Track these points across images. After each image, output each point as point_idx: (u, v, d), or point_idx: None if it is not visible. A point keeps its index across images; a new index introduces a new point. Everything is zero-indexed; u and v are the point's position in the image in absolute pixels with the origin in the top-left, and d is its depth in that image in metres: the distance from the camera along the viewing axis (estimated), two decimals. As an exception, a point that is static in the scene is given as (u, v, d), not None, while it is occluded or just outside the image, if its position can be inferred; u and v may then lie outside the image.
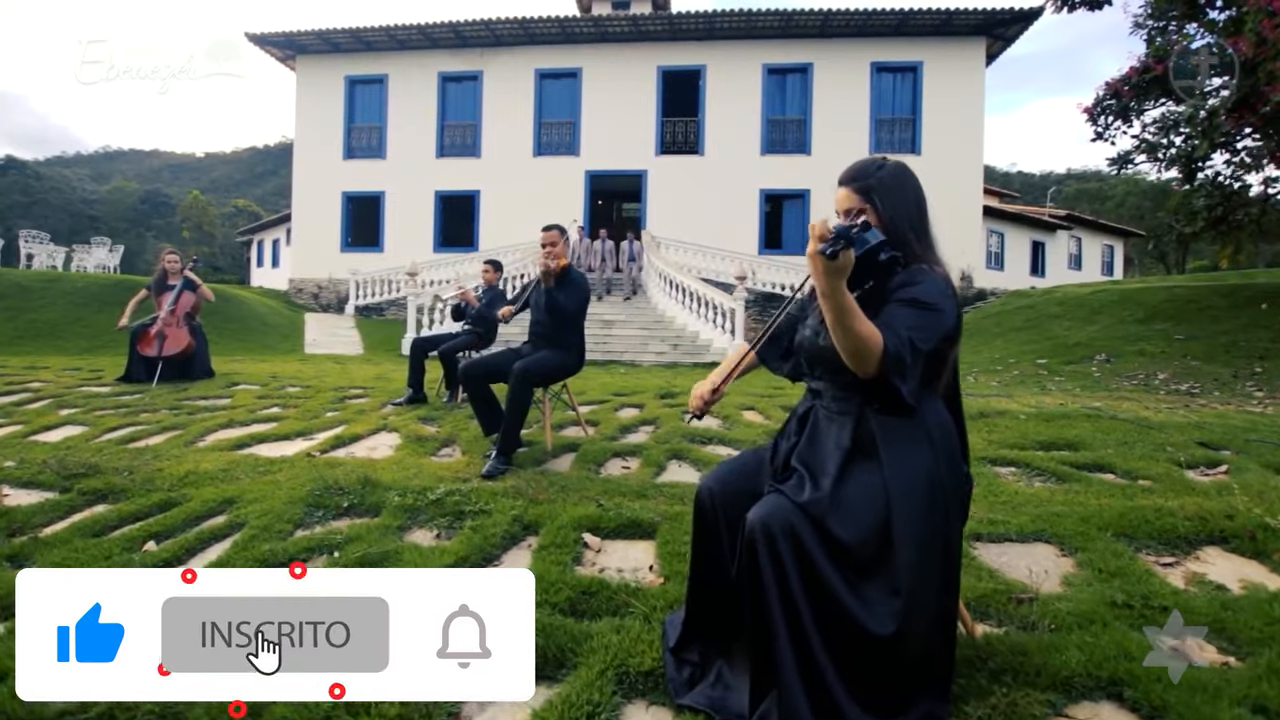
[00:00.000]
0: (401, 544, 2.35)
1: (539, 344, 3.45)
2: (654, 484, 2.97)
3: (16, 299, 10.38)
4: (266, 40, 16.80)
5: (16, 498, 3.01)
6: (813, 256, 1.19)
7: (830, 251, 1.14)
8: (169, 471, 3.22)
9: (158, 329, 5.70)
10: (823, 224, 1.20)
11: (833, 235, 1.16)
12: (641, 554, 2.32)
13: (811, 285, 1.52)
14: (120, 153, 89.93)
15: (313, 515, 2.64)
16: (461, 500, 2.67)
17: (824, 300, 1.21)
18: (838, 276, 1.18)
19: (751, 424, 4.14)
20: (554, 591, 1.92)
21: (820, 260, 1.17)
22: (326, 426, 4.20)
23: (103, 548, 2.39)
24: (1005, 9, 14.70)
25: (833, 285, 1.18)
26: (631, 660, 1.58)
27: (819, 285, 1.20)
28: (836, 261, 1.16)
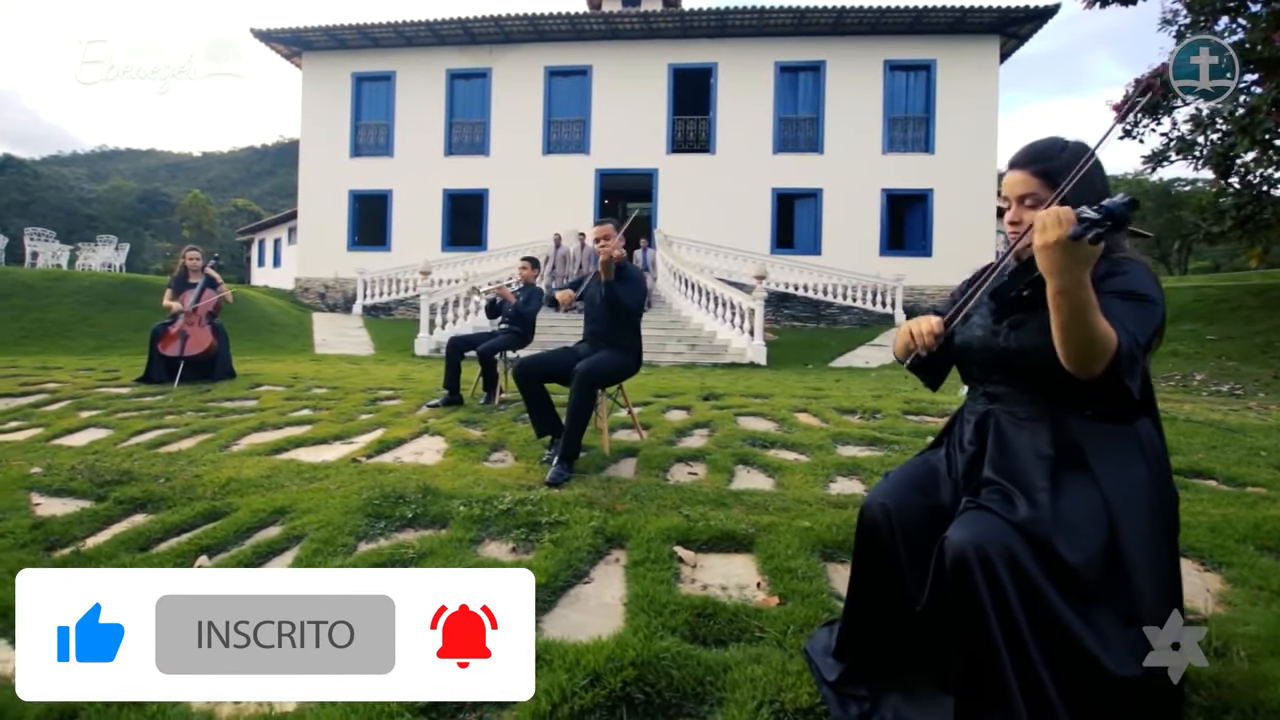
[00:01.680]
0: (479, 558, 2.18)
1: (597, 343, 3.28)
2: (730, 491, 2.81)
3: (22, 298, 10.16)
4: (272, 37, 16.59)
5: (49, 506, 2.84)
6: (1050, 247, 1.03)
7: (1093, 235, 0.98)
8: (209, 478, 3.05)
9: (179, 328, 5.51)
10: (1056, 211, 1.04)
11: (1090, 217, 0.99)
12: (741, 568, 2.15)
13: (991, 280, 1.36)
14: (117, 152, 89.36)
15: (374, 526, 2.47)
16: (534, 510, 2.49)
17: (1061, 298, 1.05)
18: (1084, 267, 1.03)
19: (809, 427, 3.97)
20: (669, 614, 1.75)
21: (1061, 252, 1.02)
22: (364, 430, 4.02)
23: (151, 563, 2.22)
24: (1020, 7, 14.58)
25: (1076, 278, 1.03)
26: (785, 695, 1.41)
27: (1059, 281, 1.04)
28: (1087, 249, 1.01)
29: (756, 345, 10.38)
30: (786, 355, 11.07)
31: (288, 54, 17.33)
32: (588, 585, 2.05)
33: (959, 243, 15.39)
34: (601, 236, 3.26)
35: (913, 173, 15.60)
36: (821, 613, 1.76)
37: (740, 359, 10.37)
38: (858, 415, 4.23)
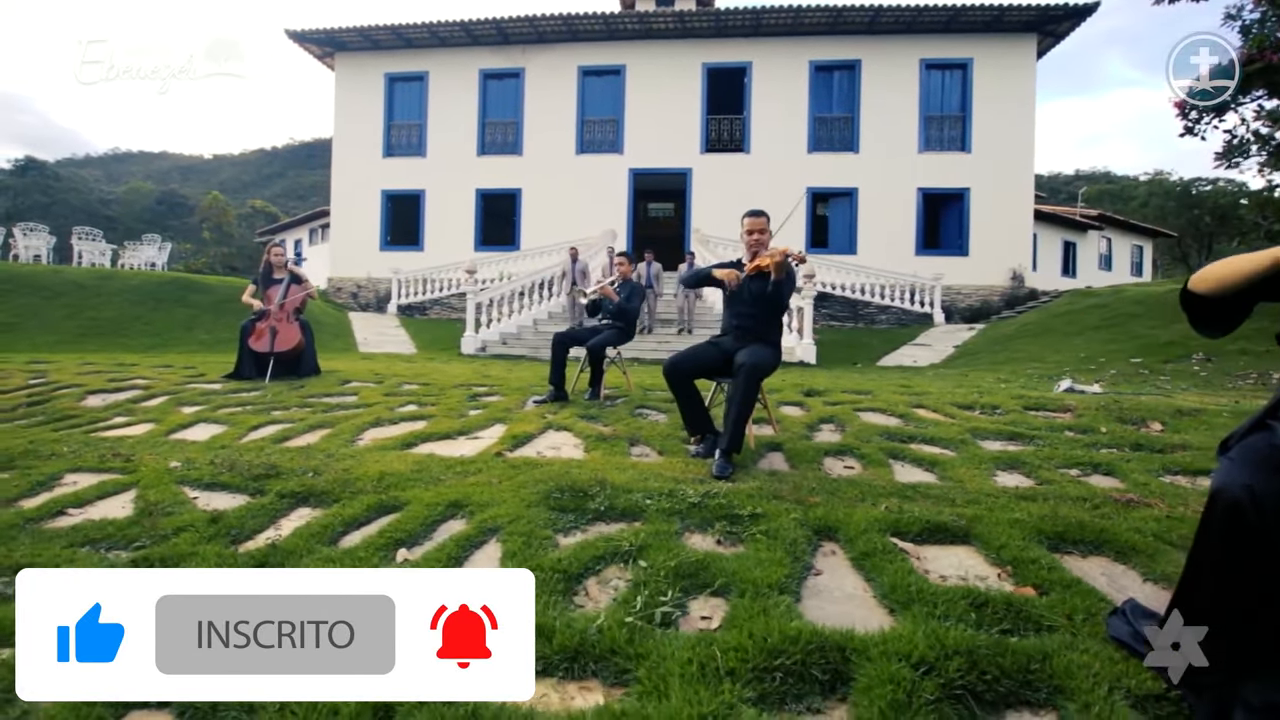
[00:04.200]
0: (692, 549, 2.14)
1: (744, 338, 3.23)
2: (901, 484, 2.77)
3: (74, 296, 10.22)
4: (306, 38, 16.66)
5: (208, 500, 2.83)
6: None
7: None
8: (360, 472, 3.02)
9: (268, 324, 5.51)
10: None
11: None
12: (967, 559, 2.11)
13: None
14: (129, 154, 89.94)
15: (563, 520, 2.44)
16: (725, 504, 2.46)
17: None
18: None
19: (936, 422, 3.93)
20: (941, 604, 1.72)
21: None
22: (481, 425, 4.00)
23: (356, 558, 2.19)
24: (1059, 4, 14.49)
25: None
26: (1127, 681, 1.39)
27: None
28: None
29: (806, 344, 10.34)
30: (832, 354, 11.03)
31: (320, 55, 17.40)
32: (818, 577, 2.02)
33: (995, 242, 15.31)
34: (756, 230, 3.23)
35: (949, 172, 15.53)
36: (1097, 602, 1.73)
37: (790, 358, 10.30)
38: (976, 410, 4.19)
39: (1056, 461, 3.08)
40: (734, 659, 1.51)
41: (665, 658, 1.52)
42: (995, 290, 15.41)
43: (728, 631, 1.65)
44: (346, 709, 1.28)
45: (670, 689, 1.40)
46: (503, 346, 11.29)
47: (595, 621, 1.68)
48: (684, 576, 1.96)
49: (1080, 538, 2.17)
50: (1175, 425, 3.67)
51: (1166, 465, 2.99)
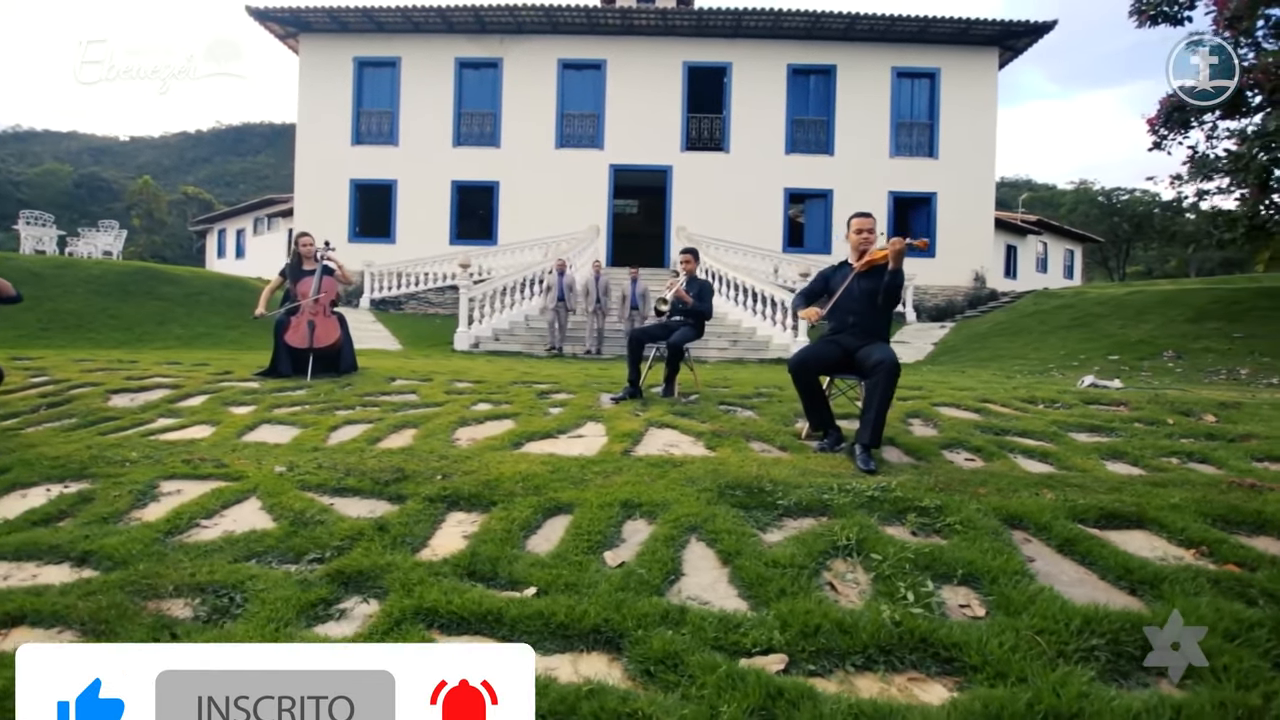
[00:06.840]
0: (902, 541, 2.22)
1: (860, 335, 3.33)
2: (1033, 474, 2.93)
3: (32, 286, 9.32)
4: (269, 15, 15.76)
5: (344, 507, 2.70)
6: None
7: None
8: (498, 473, 2.95)
9: (304, 318, 5.24)
10: None
11: None
12: (1152, 541, 2.28)
13: None
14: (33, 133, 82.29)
15: (753, 517, 2.48)
16: (903, 497, 2.55)
17: None
18: None
19: (1012, 415, 4.15)
20: (1190, 583, 1.86)
21: None
22: (574, 423, 3.94)
23: (570, 562, 2.15)
24: (1020, 22, 15.38)
25: None
26: None
27: None
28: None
29: (801, 341, 10.61)
30: (825, 351, 11.34)
31: (283, 34, 16.51)
32: (1034, 564, 2.13)
33: (960, 244, 16.09)
34: (865, 229, 3.34)
35: (918, 176, 16.22)
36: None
37: (784, 354, 10.56)
38: (1041, 404, 4.45)
39: (1152, 451, 3.33)
40: (1051, 642, 1.60)
41: (984, 645, 1.59)
42: (960, 290, 16.22)
43: (1013, 618, 1.73)
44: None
45: (1026, 674, 1.47)
46: (496, 343, 11.07)
47: (882, 614, 1.74)
48: (921, 568, 2.04)
49: (1240, 520, 2.38)
50: (1227, 417, 4.00)
51: (1252, 453, 3.27)
